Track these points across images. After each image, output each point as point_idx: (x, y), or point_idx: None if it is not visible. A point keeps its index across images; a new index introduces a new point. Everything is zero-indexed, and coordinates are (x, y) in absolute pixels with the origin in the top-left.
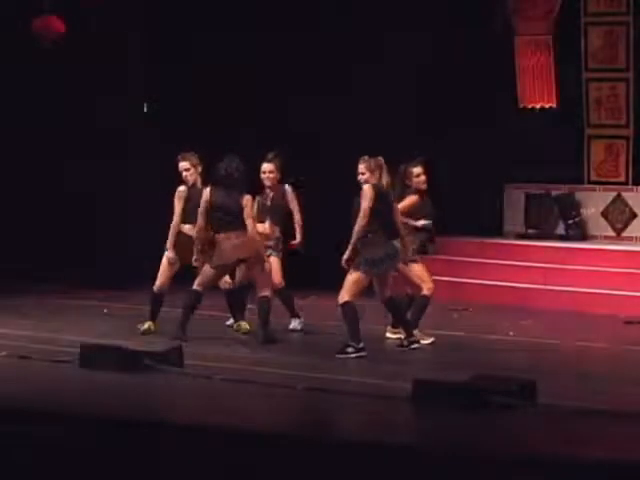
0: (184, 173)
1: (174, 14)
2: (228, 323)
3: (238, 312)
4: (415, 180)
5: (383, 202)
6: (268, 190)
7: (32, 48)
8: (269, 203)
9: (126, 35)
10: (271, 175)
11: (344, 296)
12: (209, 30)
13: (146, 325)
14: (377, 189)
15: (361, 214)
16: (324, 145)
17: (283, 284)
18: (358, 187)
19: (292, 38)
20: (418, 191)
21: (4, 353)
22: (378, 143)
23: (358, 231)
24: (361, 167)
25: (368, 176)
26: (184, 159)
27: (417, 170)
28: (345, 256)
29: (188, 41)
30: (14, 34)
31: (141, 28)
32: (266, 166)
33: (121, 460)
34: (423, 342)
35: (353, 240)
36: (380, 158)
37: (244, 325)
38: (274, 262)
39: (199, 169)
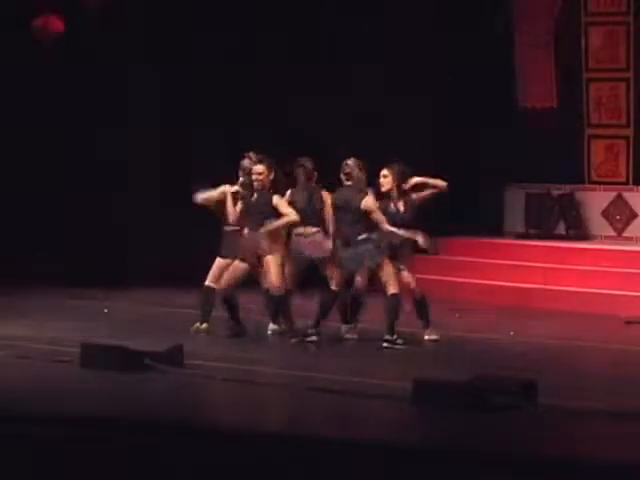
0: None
1: (173, 14)
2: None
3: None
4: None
5: None
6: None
7: (32, 48)
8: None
9: (126, 35)
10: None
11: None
12: (209, 30)
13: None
14: None
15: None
16: (324, 146)
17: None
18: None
19: (293, 38)
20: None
21: (4, 353)
22: (377, 144)
23: None
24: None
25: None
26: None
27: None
28: None
29: (188, 41)
30: (14, 34)
31: (141, 28)
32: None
33: (121, 460)
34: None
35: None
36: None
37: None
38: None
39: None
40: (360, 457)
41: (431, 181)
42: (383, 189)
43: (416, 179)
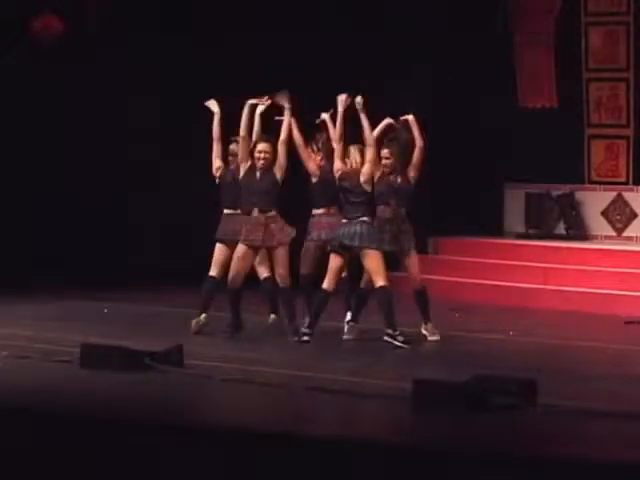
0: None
1: (173, 14)
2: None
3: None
4: None
5: None
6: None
7: (32, 48)
8: None
9: (126, 35)
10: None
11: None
12: (209, 30)
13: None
14: None
15: None
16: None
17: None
18: None
19: (294, 38)
20: None
21: (4, 353)
22: None
23: None
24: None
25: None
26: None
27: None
28: None
29: (188, 41)
30: (14, 34)
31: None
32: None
33: (121, 460)
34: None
35: None
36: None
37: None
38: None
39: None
40: (360, 457)
41: (415, 130)
42: (387, 170)
43: (408, 116)
